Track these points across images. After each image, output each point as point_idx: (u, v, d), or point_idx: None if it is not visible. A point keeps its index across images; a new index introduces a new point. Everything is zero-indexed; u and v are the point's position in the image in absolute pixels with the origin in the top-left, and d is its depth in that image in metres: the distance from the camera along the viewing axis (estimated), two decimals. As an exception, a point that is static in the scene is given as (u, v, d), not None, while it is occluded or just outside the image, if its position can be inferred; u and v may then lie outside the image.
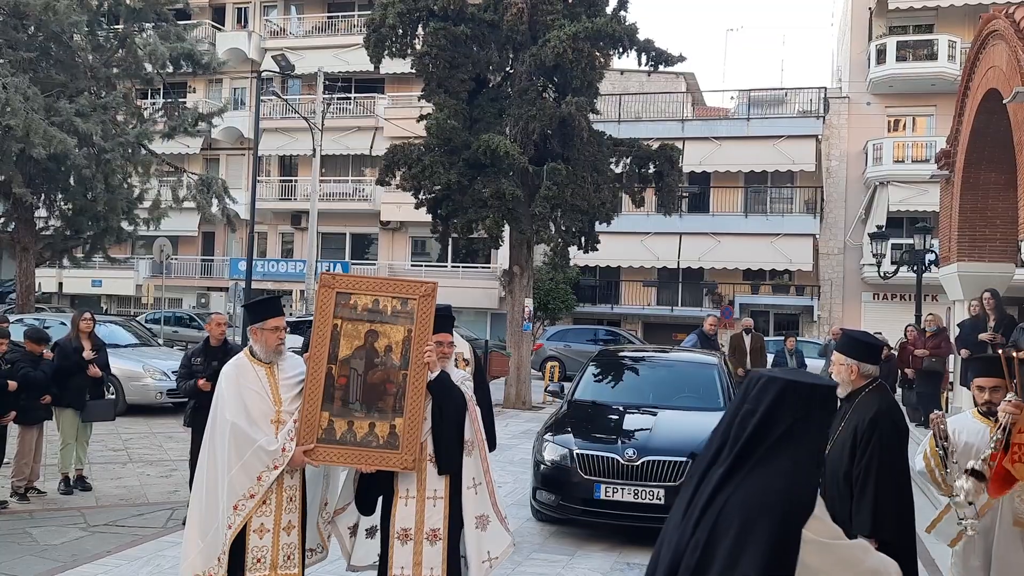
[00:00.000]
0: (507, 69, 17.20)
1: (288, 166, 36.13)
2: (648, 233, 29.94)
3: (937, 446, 4.08)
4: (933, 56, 29.19)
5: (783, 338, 16.87)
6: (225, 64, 26.61)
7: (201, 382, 7.36)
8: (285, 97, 31.96)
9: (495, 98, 16.75)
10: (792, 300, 31.05)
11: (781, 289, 31.49)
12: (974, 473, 3.95)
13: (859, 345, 4.25)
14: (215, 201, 22.02)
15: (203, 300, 35.85)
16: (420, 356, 4.12)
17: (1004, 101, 9.83)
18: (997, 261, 13.19)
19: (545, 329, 27.23)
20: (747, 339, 13.82)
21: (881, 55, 29.85)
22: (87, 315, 9.00)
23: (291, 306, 28.79)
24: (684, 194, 27.69)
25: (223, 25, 36.63)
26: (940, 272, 15.17)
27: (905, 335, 14.91)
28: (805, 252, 29.82)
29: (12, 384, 7.79)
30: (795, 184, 31.09)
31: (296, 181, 35.12)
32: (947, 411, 15.15)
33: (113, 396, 10.65)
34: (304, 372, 4.21)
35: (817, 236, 30.49)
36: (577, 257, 20.66)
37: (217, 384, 4.29)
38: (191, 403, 7.59)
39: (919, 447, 4.25)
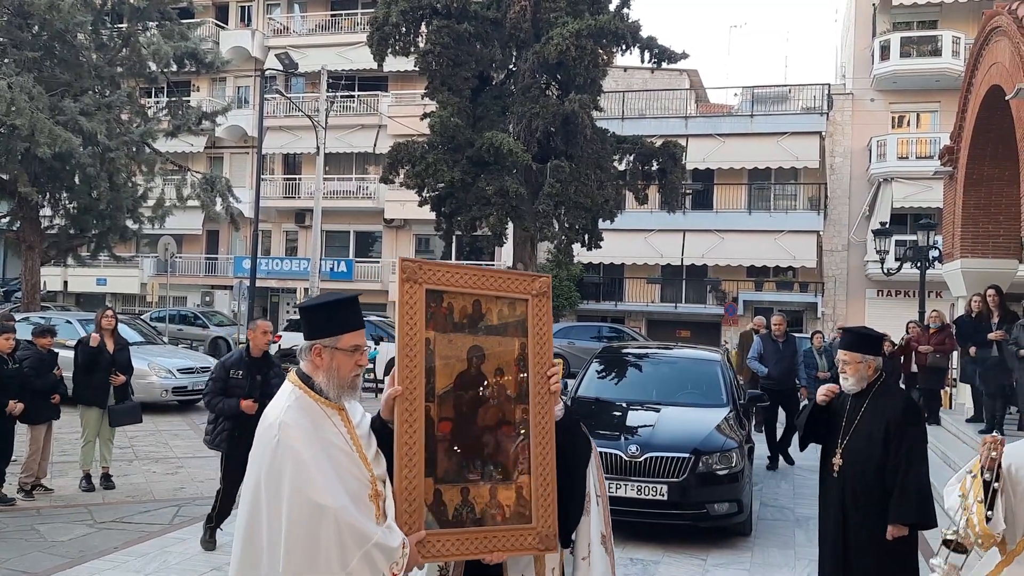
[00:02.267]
0: (510, 67, 17.25)
1: (292, 164, 36.19)
2: (652, 230, 29.94)
3: (985, 478, 3.20)
4: (937, 52, 29.14)
5: (808, 336, 16.57)
6: (229, 63, 26.65)
7: (246, 403, 6.42)
8: (289, 95, 32.04)
9: (498, 96, 16.80)
10: (796, 297, 31.02)
11: (785, 286, 31.47)
12: (950, 544, 3.25)
13: (868, 340, 4.45)
14: (219, 199, 22.07)
15: (207, 298, 35.95)
16: (543, 382, 2.88)
17: (1007, 97, 9.84)
18: (1001, 257, 13.19)
19: (549, 326, 27.24)
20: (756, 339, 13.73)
21: (885, 51, 29.79)
22: (109, 312, 9.06)
23: (295, 305, 28.84)
24: (687, 191, 27.78)
25: (226, 23, 36.69)
26: (944, 268, 15.18)
27: (907, 331, 14.89)
28: (809, 249, 29.80)
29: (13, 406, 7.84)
30: (799, 181, 31.06)
31: (300, 179, 35.18)
32: (951, 407, 15.17)
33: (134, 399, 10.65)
34: (365, 416, 2.82)
35: (821, 233, 30.46)
36: (581, 254, 20.71)
37: (280, 440, 2.53)
38: (223, 425, 6.57)
39: (953, 478, 3.56)
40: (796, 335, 14.39)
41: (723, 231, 30.45)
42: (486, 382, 2.85)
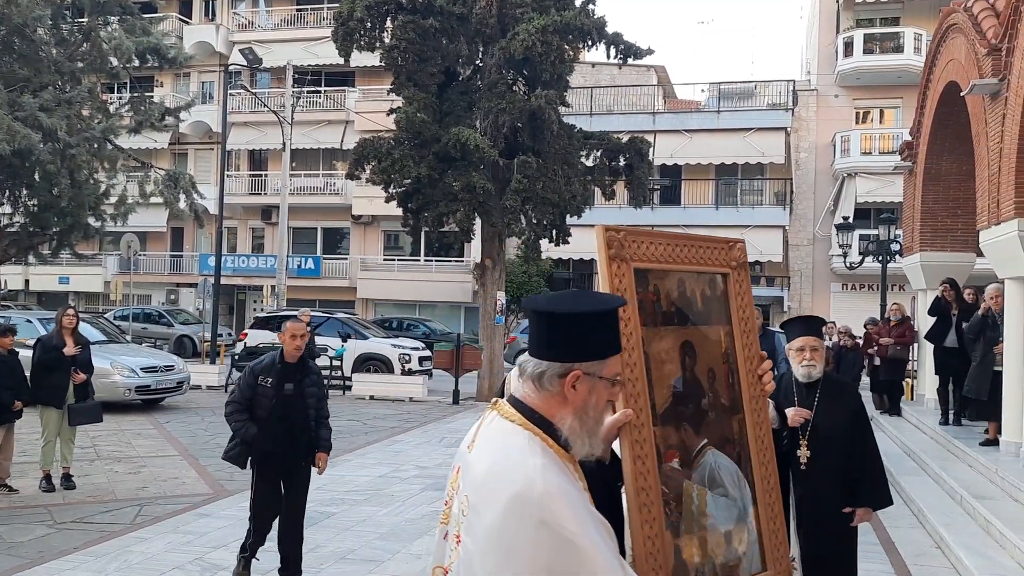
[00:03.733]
0: (477, 62, 17.22)
1: (258, 160, 35.87)
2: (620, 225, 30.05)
3: None
4: (899, 48, 29.58)
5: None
6: (192, 58, 26.34)
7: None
8: (254, 91, 31.72)
9: (465, 91, 16.77)
10: (763, 291, 31.31)
11: (752, 280, 31.64)
12: None
13: (821, 324, 4.53)
14: (183, 196, 21.82)
15: (172, 296, 35.55)
16: (755, 384, 2.25)
17: (962, 93, 10.02)
18: (959, 251, 13.44)
19: (519, 322, 27.33)
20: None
21: (848, 48, 30.18)
22: (70, 311, 8.94)
23: (261, 302, 28.62)
24: (655, 187, 27.94)
25: (190, 18, 36.25)
26: (903, 262, 15.43)
27: (866, 329, 15.16)
28: (775, 243, 30.12)
29: None
30: (765, 176, 31.36)
31: (266, 175, 34.88)
32: (912, 398, 15.44)
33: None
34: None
35: (787, 227, 30.79)
36: (550, 250, 20.76)
37: (546, 522, 1.67)
38: (238, 442, 5.66)
39: None
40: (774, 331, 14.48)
41: (691, 226, 30.58)
42: (703, 390, 2.16)
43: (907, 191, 15.43)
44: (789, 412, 4.05)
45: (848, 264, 20.78)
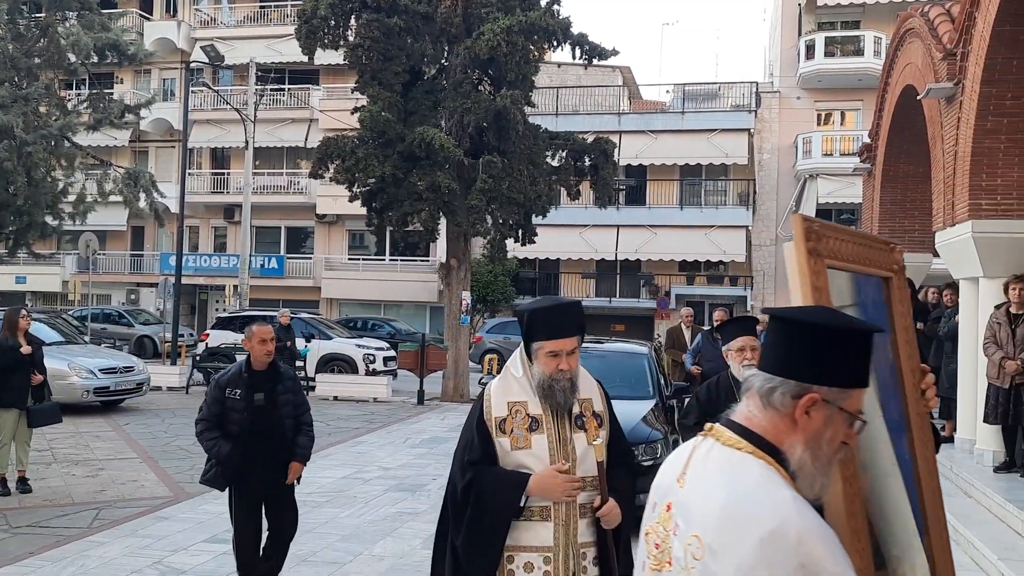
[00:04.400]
0: (442, 61, 17.18)
1: (220, 158, 35.45)
2: (586, 225, 30.22)
3: None
4: (860, 52, 30.03)
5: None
6: (153, 55, 26.02)
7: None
8: (216, 88, 31.35)
9: (430, 90, 16.73)
10: (726, 291, 31.65)
11: (716, 280, 32.09)
12: None
13: (755, 324, 4.59)
14: (143, 195, 21.52)
15: (133, 296, 35.02)
16: (918, 402, 2.04)
17: (919, 97, 10.20)
18: (916, 251, 13.66)
19: (485, 322, 27.32)
20: (687, 332, 13.74)
21: (810, 50, 30.57)
22: (24, 312, 8.78)
23: (224, 302, 28.30)
24: (620, 187, 28.05)
25: (151, 14, 35.70)
26: (863, 262, 15.66)
27: None
28: (738, 243, 30.44)
29: None
30: (729, 177, 31.68)
31: (229, 174, 34.49)
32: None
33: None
34: None
35: (750, 228, 31.14)
36: (516, 250, 20.80)
37: (806, 566, 1.49)
38: (213, 463, 5.21)
39: None
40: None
41: (656, 226, 30.90)
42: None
43: (866, 192, 15.69)
44: None
45: (809, 264, 21.01)
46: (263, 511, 5.36)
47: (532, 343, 2.90)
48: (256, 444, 5.11)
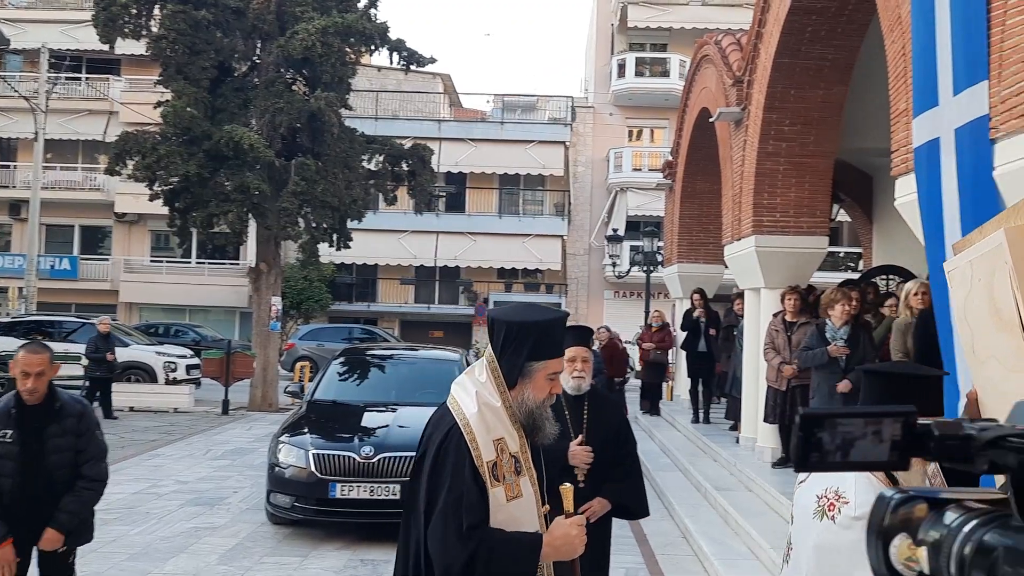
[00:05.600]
0: (254, 59, 16.58)
1: (5, 150, 32.46)
2: (406, 231, 30.12)
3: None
4: (667, 73, 31.83)
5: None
6: (-74, 31, 23.41)
7: None
8: (2, 73, 28.69)
9: (240, 88, 16.10)
10: (542, 297, 32.50)
11: (532, 287, 32.91)
12: None
13: (590, 334, 4.42)
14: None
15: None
16: None
17: (711, 119, 10.93)
18: (710, 263, 14.63)
19: (298, 328, 26.58)
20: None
21: (622, 69, 32.06)
22: None
23: (7, 306, 25.90)
24: (440, 193, 28.20)
25: (-75, -14, 32.21)
26: (664, 272, 16.61)
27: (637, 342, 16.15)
28: (554, 252, 31.39)
29: None
30: (545, 187, 32.59)
31: (15, 167, 31.64)
32: (671, 399, 16.60)
33: None
34: None
35: (565, 237, 32.18)
36: (333, 255, 20.36)
37: None
38: None
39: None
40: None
41: (475, 233, 31.28)
42: None
43: (668, 207, 16.63)
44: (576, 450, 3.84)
45: (617, 274, 22.04)
46: None
47: (534, 362, 2.46)
48: (24, 501, 4.04)
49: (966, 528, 0.83)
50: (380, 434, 7.76)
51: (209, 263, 30.90)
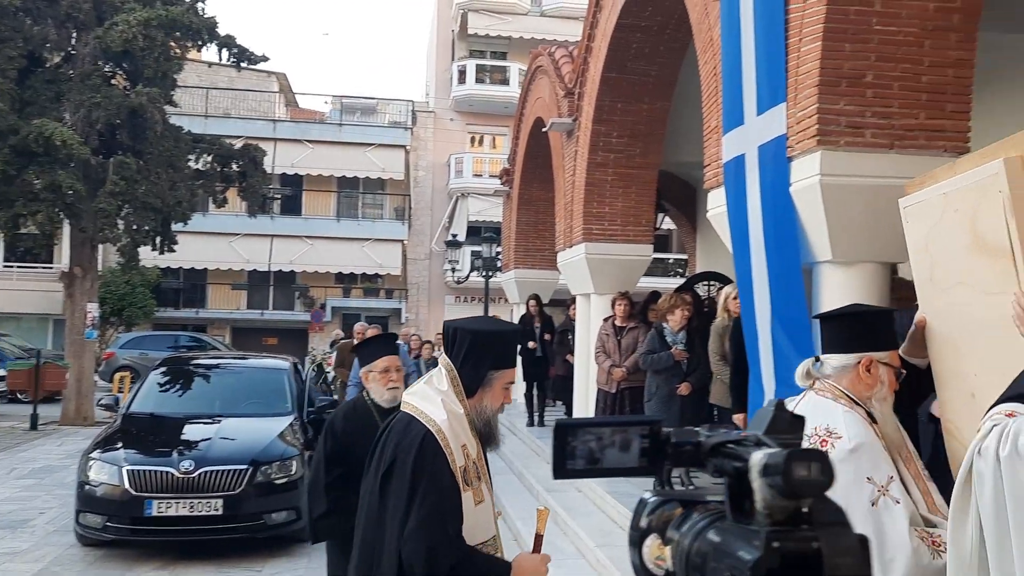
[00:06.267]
0: (68, 50, 15.48)
1: None
2: (238, 234, 29.01)
3: None
4: (506, 81, 32.31)
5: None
6: None
7: None
8: None
9: (52, 80, 14.98)
10: (382, 303, 32.21)
11: (372, 292, 32.52)
12: None
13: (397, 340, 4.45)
14: None
15: None
16: None
17: (543, 129, 11.19)
18: (546, 269, 14.95)
19: (119, 336, 25.03)
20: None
21: (462, 76, 32.28)
22: None
23: None
24: (275, 196, 27.38)
25: None
26: (502, 277, 16.84)
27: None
28: (394, 257, 31.15)
29: None
30: (385, 191, 32.30)
31: None
32: (511, 402, 16.82)
33: None
34: None
35: (405, 242, 32.01)
36: (157, 258, 19.31)
37: None
38: None
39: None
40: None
41: (312, 237, 30.57)
42: None
43: (506, 213, 16.88)
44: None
45: (456, 279, 22.15)
46: None
47: (493, 372, 2.52)
48: None
49: (697, 528, 0.88)
50: (202, 447, 7.44)
51: (18, 267, 28.53)
